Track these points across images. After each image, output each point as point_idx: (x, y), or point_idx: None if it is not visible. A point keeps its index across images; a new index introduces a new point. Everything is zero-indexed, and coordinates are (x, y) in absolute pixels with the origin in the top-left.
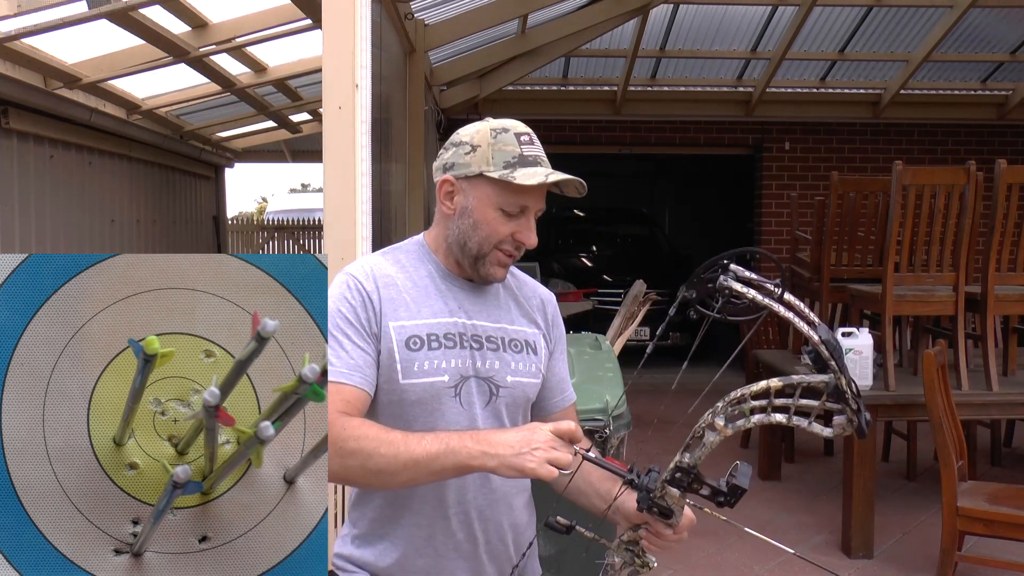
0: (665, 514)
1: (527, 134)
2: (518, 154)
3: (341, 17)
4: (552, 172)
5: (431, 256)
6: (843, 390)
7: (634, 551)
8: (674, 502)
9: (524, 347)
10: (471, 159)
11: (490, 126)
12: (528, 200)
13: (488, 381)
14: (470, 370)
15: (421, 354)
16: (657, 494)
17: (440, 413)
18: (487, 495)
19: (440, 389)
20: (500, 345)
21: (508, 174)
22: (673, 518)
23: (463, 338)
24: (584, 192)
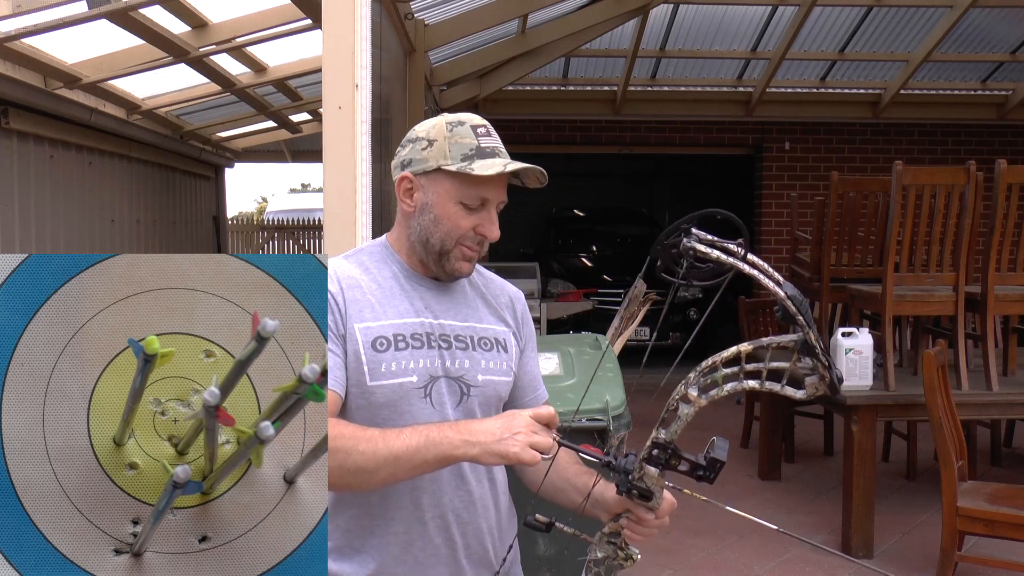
0: (645, 496)
1: (483, 126)
2: (475, 146)
3: (341, 17)
4: (511, 162)
5: (395, 256)
6: (812, 344)
7: (616, 543)
8: (653, 483)
9: (494, 345)
10: (428, 154)
11: (446, 120)
12: (488, 192)
13: (458, 381)
14: (439, 370)
15: (388, 355)
16: (636, 475)
17: (411, 415)
18: (463, 497)
19: (409, 390)
20: (469, 344)
21: (466, 166)
22: (653, 500)
23: (431, 338)
24: (545, 181)
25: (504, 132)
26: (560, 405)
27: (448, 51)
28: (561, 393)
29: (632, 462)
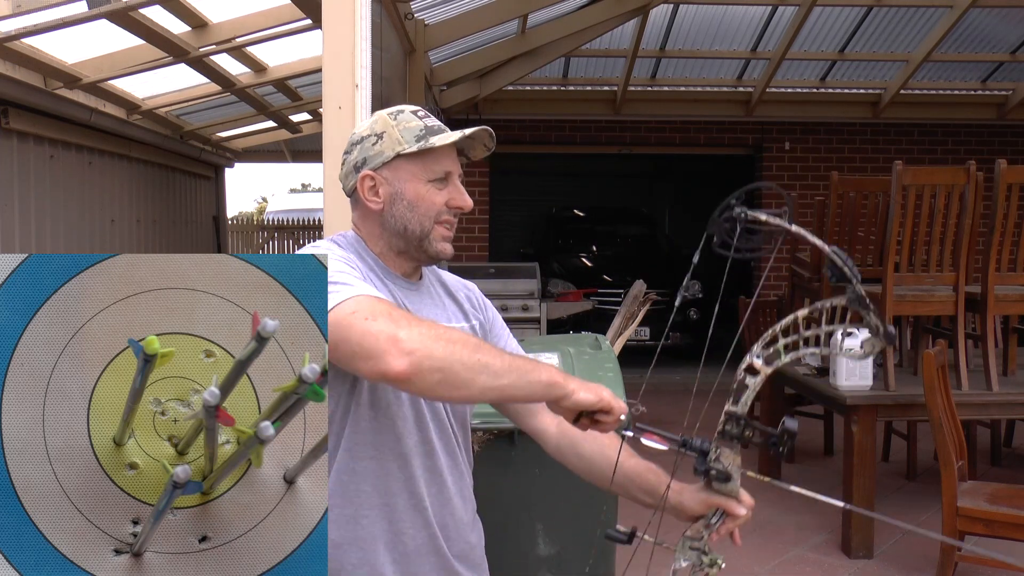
0: (723, 478)
1: (420, 109)
2: (423, 126)
3: (341, 17)
4: (464, 130)
5: (369, 252)
6: (863, 295)
7: (700, 548)
8: (730, 463)
9: None
10: (382, 147)
11: (385, 112)
12: (449, 164)
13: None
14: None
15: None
16: (712, 456)
17: (404, 401)
18: (439, 488)
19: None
20: None
21: (424, 144)
22: (732, 483)
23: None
24: (492, 146)
25: (504, 132)
26: None
27: (448, 51)
28: None
29: (707, 442)
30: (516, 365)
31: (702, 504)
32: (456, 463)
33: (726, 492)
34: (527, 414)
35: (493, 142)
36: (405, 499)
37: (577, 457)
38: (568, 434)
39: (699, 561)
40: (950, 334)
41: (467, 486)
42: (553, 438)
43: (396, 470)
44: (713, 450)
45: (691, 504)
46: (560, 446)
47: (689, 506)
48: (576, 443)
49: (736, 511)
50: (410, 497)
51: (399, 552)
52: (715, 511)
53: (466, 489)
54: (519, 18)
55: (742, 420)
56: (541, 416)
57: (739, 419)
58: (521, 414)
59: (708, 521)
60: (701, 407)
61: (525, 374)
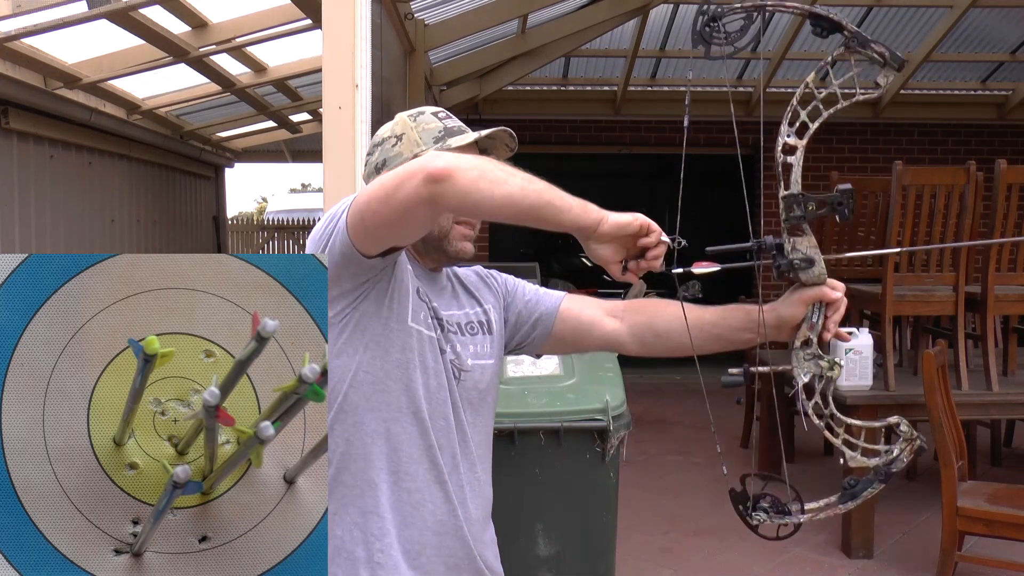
0: (807, 264)
1: (441, 111)
2: (442, 128)
3: (341, 17)
4: (482, 130)
5: None
6: (858, 31)
7: (814, 353)
8: (807, 247)
9: (479, 328)
10: (401, 148)
11: (406, 114)
12: None
13: (452, 364)
14: (443, 346)
15: (424, 307)
16: (788, 246)
17: (428, 367)
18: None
19: (434, 345)
20: (458, 329)
21: (442, 147)
22: (816, 266)
23: (433, 315)
24: (514, 146)
25: None
26: (560, 405)
27: (448, 51)
28: (561, 393)
29: (773, 238)
30: (558, 191)
31: (798, 304)
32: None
33: (814, 279)
34: (591, 328)
35: (515, 142)
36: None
37: (657, 336)
38: (637, 324)
39: (818, 368)
40: (950, 334)
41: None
42: (627, 335)
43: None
44: (787, 241)
45: (789, 311)
46: (640, 338)
47: (788, 314)
48: (648, 325)
49: (830, 295)
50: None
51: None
52: (813, 307)
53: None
54: (519, 18)
55: (800, 196)
56: (603, 323)
57: (797, 198)
58: (584, 332)
59: (811, 321)
60: (701, 407)
61: (560, 191)
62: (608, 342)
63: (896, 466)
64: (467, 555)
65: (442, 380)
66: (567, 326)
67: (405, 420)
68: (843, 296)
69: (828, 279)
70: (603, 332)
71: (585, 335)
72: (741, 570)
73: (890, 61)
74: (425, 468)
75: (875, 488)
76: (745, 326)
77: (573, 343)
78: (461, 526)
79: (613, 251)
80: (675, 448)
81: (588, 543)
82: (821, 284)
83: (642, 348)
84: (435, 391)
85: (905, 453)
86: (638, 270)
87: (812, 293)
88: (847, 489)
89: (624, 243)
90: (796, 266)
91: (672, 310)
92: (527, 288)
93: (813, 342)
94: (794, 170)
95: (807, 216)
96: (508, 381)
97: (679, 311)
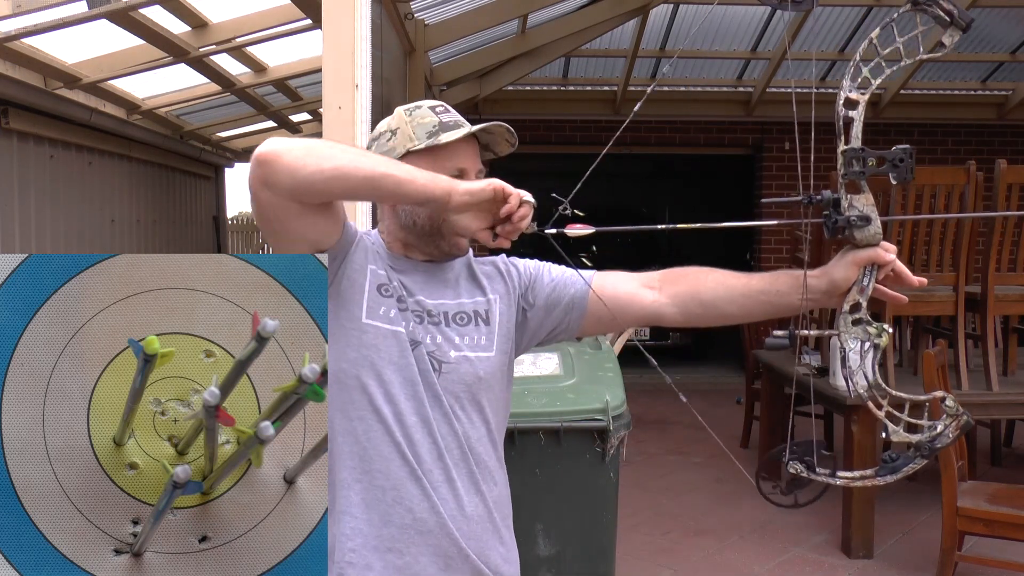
0: (863, 222)
1: (440, 105)
2: (437, 122)
3: (341, 17)
4: (477, 126)
5: (381, 243)
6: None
7: (862, 318)
8: (864, 204)
9: (472, 319)
10: (395, 143)
11: (403, 109)
12: (463, 162)
13: (431, 356)
14: (418, 338)
15: (389, 302)
16: (845, 203)
17: (395, 365)
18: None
19: (401, 341)
20: (442, 320)
21: (433, 141)
22: (872, 224)
23: (410, 307)
24: (515, 142)
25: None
26: (560, 405)
27: (448, 51)
28: (561, 393)
29: (832, 192)
30: (399, 163)
31: (851, 267)
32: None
33: (868, 239)
34: (630, 302)
35: (514, 137)
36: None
37: (702, 305)
38: (680, 294)
39: (866, 335)
40: (950, 334)
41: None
42: (669, 305)
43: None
44: (844, 197)
45: (841, 273)
46: (684, 308)
47: (840, 276)
48: (693, 295)
49: (884, 257)
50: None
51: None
52: (863, 271)
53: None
54: (519, 18)
55: (861, 151)
56: (641, 296)
57: (857, 152)
58: (622, 307)
59: (861, 284)
60: (701, 407)
61: (404, 167)
62: (648, 315)
63: (940, 442)
64: (459, 553)
65: (412, 374)
66: (602, 304)
67: (370, 418)
68: (896, 259)
69: (888, 246)
70: (642, 305)
71: (624, 310)
72: (741, 570)
73: (957, 20)
74: (397, 465)
75: (917, 464)
76: (793, 290)
77: (611, 321)
78: (446, 523)
79: (475, 219)
80: (675, 448)
81: (588, 543)
82: (875, 245)
83: (686, 318)
84: (403, 386)
85: (951, 429)
86: (506, 234)
87: (866, 254)
88: (887, 463)
89: (485, 210)
90: (852, 223)
91: (715, 276)
92: (552, 271)
93: (862, 306)
94: (855, 125)
95: (867, 172)
96: None
97: (722, 278)
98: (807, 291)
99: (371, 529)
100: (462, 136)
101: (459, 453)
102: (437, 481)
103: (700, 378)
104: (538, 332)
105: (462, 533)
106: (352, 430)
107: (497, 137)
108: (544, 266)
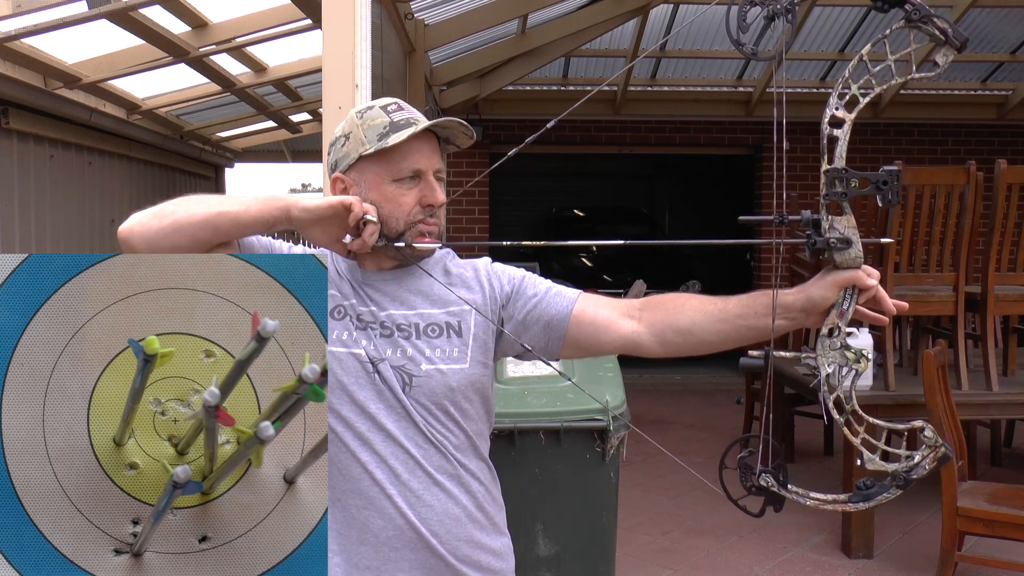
0: (844, 244)
1: (394, 103)
2: (388, 123)
3: (341, 17)
4: (422, 123)
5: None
6: (928, 10)
7: (841, 342)
8: (845, 226)
9: (444, 330)
10: (348, 148)
11: (355, 111)
12: (418, 162)
13: (399, 370)
14: (383, 355)
15: (342, 324)
16: (826, 224)
17: (356, 392)
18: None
19: (359, 363)
20: (413, 332)
21: (382, 144)
22: (852, 247)
23: (373, 324)
24: (473, 136)
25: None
26: (560, 405)
27: (448, 51)
28: (561, 393)
29: (811, 212)
30: (237, 197)
31: (830, 288)
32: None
33: (848, 263)
34: (607, 329)
35: (470, 129)
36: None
37: (679, 334)
38: (657, 322)
39: (844, 360)
40: (950, 334)
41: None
42: (647, 335)
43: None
44: (824, 218)
45: (820, 293)
46: (661, 338)
47: (819, 296)
48: (669, 323)
49: (865, 281)
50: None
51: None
52: (843, 293)
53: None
54: (519, 18)
55: (843, 171)
56: (619, 325)
57: (840, 173)
58: (599, 335)
59: (841, 308)
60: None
61: (237, 200)
62: (626, 344)
63: (917, 473)
64: (440, 562)
65: (375, 392)
66: (582, 330)
67: (335, 440)
68: (878, 284)
69: (871, 270)
70: (620, 334)
71: (601, 338)
72: (741, 570)
73: (952, 39)
74: (367, 484)
75: (891, 494)
76: (769, 312)
77: (589, 347)
78: (423, 535)
79: (322, 234)
80: (675, 448)
81: (588, 543)
82: (856, 268)
83: (664, 348)
84: (365, 404)
85: (928, 460)
86: (356, 248)
87: (846, 276)
88: (861, 490)
89: (334, 225)
90: (832, 246)
91: (693, 303)
92: (536, 284)
93: (841, 331)
94: (839, 144)
95: (849, 194)
96: (508, 381)
97: (700, 304)
98: (784, 310)
99: (347, 549)
100: (412, 135)
101: (436, 464)
102: (411, 494)
103: (700, 378)
104: (514, 345)
105: (446, 541)
106: (330, 454)
107: (454, 131)
108: (529, 279)
